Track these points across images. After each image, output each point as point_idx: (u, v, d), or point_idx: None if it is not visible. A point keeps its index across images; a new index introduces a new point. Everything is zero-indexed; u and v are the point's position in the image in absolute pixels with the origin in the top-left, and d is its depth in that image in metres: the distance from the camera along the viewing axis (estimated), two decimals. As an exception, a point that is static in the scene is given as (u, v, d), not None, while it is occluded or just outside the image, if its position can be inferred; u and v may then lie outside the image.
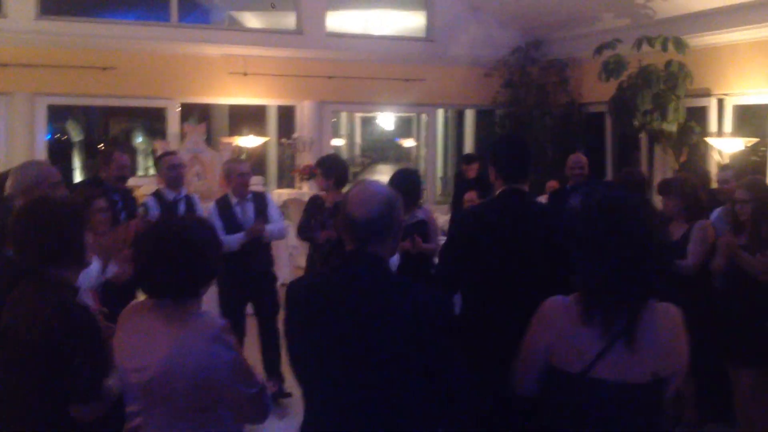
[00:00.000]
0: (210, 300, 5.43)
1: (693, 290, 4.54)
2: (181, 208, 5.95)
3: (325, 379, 2.31)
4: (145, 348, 2.43)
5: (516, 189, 3.51)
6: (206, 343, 2.39)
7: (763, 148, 8.20)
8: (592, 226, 2.32)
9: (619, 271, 2.25)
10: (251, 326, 6.04)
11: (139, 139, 16.72)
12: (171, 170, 5.96)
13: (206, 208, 6.50)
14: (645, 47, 8.05)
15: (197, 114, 13.50)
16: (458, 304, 3.53)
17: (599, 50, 8.42)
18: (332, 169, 5.91)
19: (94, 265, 4.02)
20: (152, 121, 15.28)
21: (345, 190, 5.82)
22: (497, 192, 3.58)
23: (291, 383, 3.32)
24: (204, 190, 8.52)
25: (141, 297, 2.77)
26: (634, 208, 2.35)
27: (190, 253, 2.45)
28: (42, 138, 9.90)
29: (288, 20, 11.50)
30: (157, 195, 6.01)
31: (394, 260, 4.32)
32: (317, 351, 2.31)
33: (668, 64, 8.13)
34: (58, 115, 13.81)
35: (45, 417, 2.63)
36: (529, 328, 2.45)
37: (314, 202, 5.98)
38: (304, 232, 5.94)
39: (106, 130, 16.76)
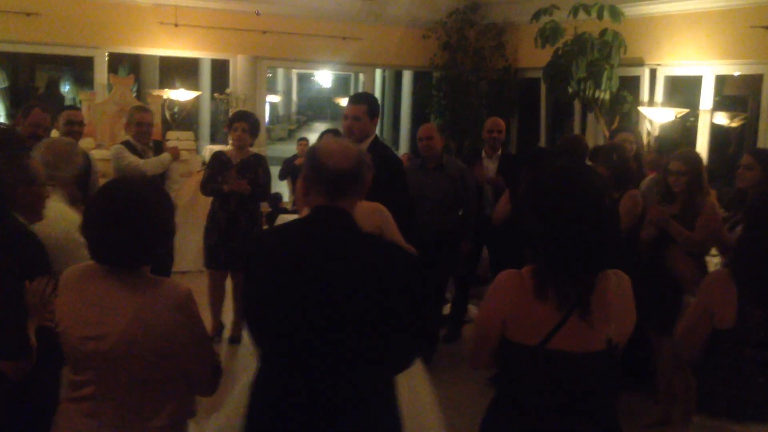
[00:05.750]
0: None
1: (617, 259, 4.57)
2: None
3: (289, 330, 2.29)
4: (104, 315, 2.34)
5: None
6: (170, 312, 2.34)
7: (692, 119, 8.36)
8: (546, 197, 2.31)
9: (574, 243, 2.24)
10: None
11: (66, 88, 16.20)
12: (67, 125, 5.77)
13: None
14: (581, 15, 8.06)
15: (127, 64, 13.11)
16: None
17: (536, 16, 8.40)
18: (257, 126, 6.01)
19: None
20: (80, 69, 14.78)
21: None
22: None
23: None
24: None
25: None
26: (587, 178, 2.33)
27: (148, 218, 2.36)
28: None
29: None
30: None
31: None
32: (283, 301, 2.29)
33: (603, 32, 8.16)
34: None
35: None
36: (483, 302, 2.46)
37: (219, 159, 5.97)
38: (207, 186, 5.94)
39: (32, 77, 16.16)
